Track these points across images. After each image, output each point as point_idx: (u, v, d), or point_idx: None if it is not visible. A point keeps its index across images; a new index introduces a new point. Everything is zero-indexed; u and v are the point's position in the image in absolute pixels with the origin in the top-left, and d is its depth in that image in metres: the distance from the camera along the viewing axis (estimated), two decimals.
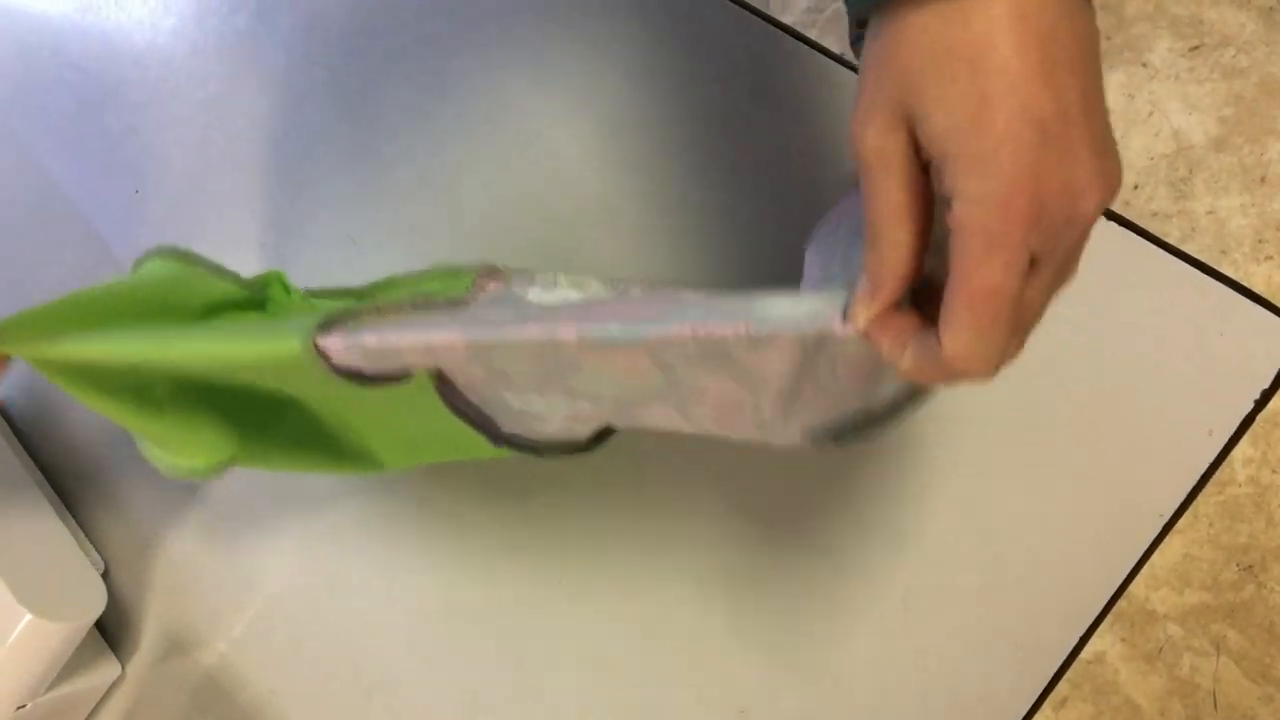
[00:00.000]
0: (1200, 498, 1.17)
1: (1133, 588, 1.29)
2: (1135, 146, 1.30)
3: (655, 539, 0.70)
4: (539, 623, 0.72)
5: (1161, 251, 0.64)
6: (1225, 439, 0.62)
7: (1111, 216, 0.64)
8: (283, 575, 0.79)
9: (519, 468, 0.73)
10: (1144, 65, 1.31)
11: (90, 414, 0.85)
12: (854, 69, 0.69)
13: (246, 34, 0.84)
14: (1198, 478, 0.61)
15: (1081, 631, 0.62)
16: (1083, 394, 0.64)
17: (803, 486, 0.67)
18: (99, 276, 0.83)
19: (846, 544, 0.67)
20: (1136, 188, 1.30)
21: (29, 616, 0.71)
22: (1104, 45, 1.32)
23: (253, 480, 0.81)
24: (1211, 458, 0.62)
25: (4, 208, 0.89)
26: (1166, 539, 0.62)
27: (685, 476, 0.69)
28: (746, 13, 0.73)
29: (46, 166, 0.87)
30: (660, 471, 0.70)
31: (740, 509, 0.69)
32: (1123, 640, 1.29)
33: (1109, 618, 1.30)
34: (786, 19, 1.46)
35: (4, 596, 0.71)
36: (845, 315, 0.40)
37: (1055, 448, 0.64)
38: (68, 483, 0.86)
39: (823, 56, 0.71)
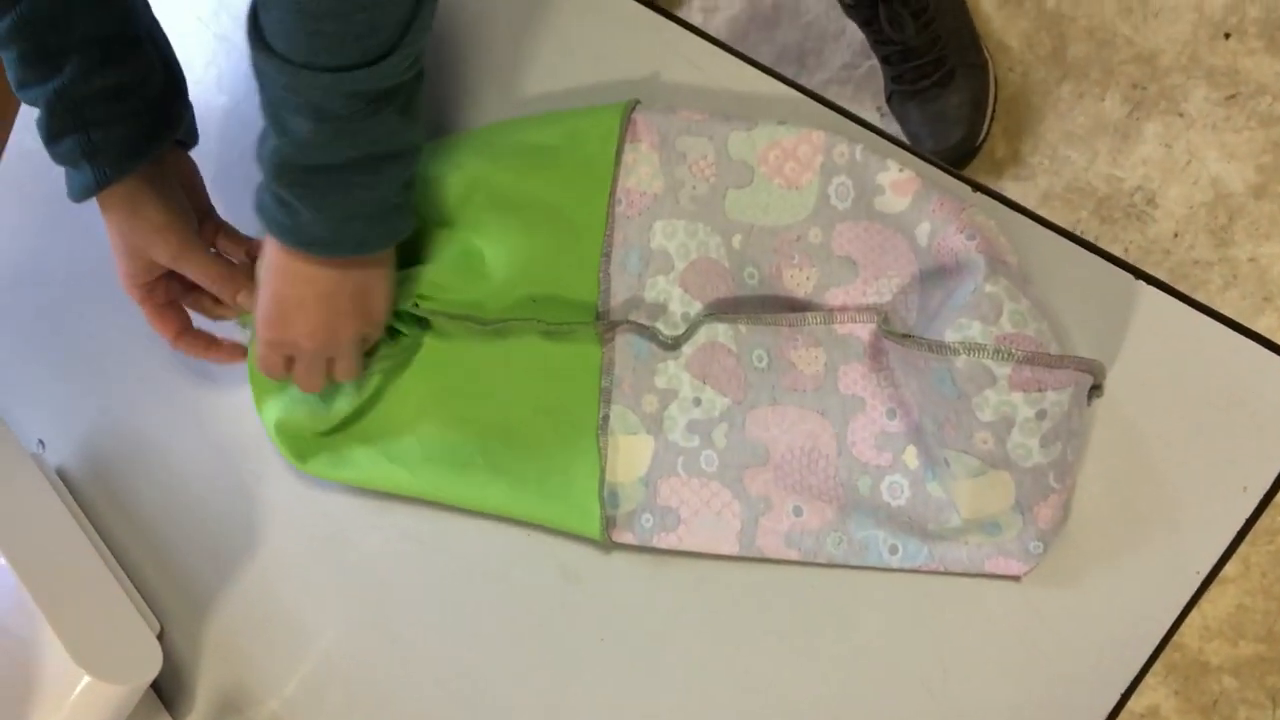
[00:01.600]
0: (1250, 548, 1.16)
1: (1186, 639, 1.27)
2: (1174, 195, 1.31)
3: (703, 651, 0.72)
4: (587, 686, 0.73)
5: (1193, 310, 0.64)
6: (1260, 494, 0.62)
7: (1142, 276, 0.65)
8: (334, 634, 0.81)
9: (571, 544, 0.75)
10: (1180, 115, 1.31)
11: (146, 480, 0.88)
12: (868, 124, 0.71)
13: None
14: (1233, 535, 0.61)
15: (1122, 690, 0.62)
16: (1117, 452, 0.64)
17: (842, 601, 0.68)
18: None
19: (878, 606, 0.67)
20: (1177, 236, 1.30)
21: (88, 678, 0.73)
22: (1139, 95, 1.33)
23: (303, 541, 0.83)
24: (1247, 514, 0.62)
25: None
26: (1219, 590, 0.63)
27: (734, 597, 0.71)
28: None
29: None
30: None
31: (779, 626, 0.70)
32: (1176, 694, 1.28)
33: (1161, 670, 1.28)
34: (820, 76, 1.49)
35: (63, 658, 0.74)
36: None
37: (1091, 507, 0.64)
38: (124, 546, 0.89)
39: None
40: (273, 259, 0.68)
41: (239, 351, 0.80)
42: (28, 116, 0.99)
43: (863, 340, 0.67)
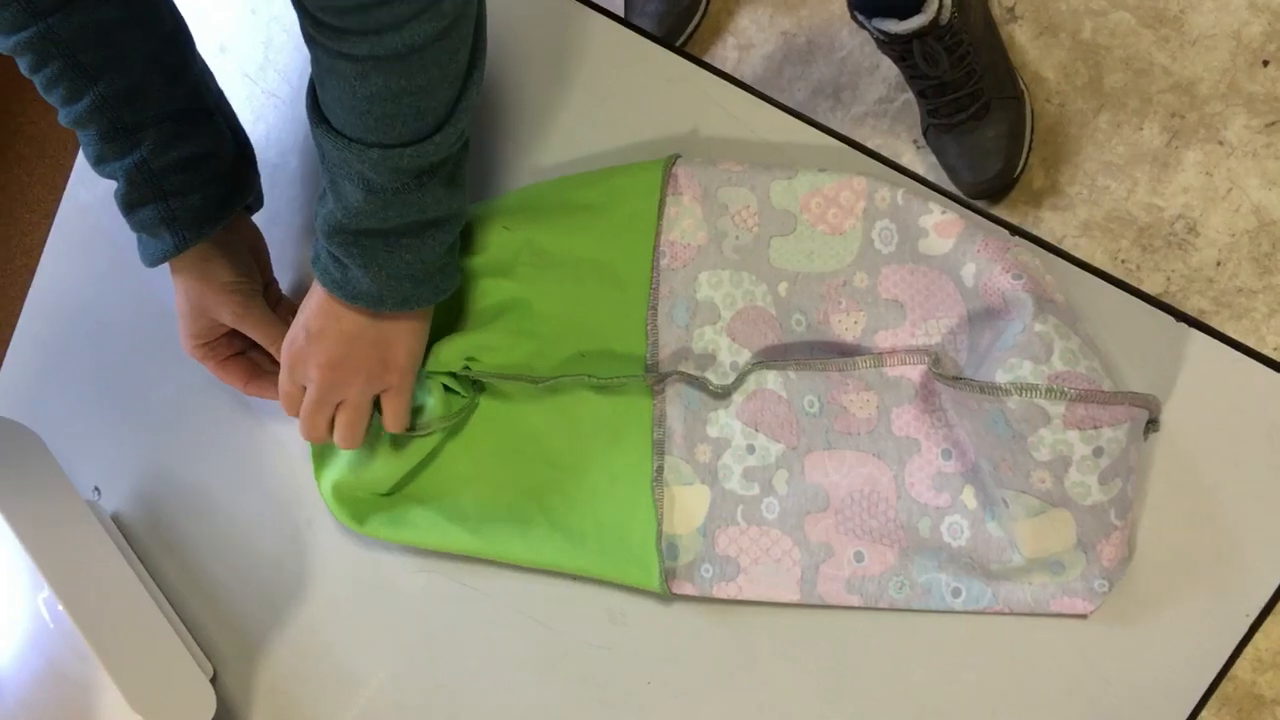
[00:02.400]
0: None
1: (1239, 672, 1.25)
2: (1215, 224, 1.30)
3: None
4: None
5: (1233, 351, 0.64)
6: None
7: (1182, 317, 0.65)
8: (382, 678, 0.82)
9: (617, 588, 0.75)
10: (1220, 143, 1.31)
11: (199, 526, 0.90)
12: (897, 167, 0.71)
13: None
14: None
15: None
16: (1171, 489, 0.64)
17: (897, 641, 0.69)
18: None
19: (931, 648, 0.67)
20: (1219, 264, 1.29)
21: None
22: (1178, 124, 1.33)
23: (352, 587, 0.84)
24: None
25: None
26: (1273, 621, 0.62)
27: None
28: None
29: None
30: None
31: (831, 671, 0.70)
32: None
33: (1215, 704, 1.26)
34: (856, 110, 1.49)
35: (119, 703, 0.75)
36: None
37: (1144, 545, 0.64)
38: (177, 591, 0.90)
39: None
40: (313, 293, 0.72)
41: None
42: (82, 172, 1.01)
43: (914, 382, 0.68)
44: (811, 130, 0.76)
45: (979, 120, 1.34)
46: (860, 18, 1.29)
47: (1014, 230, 0.69)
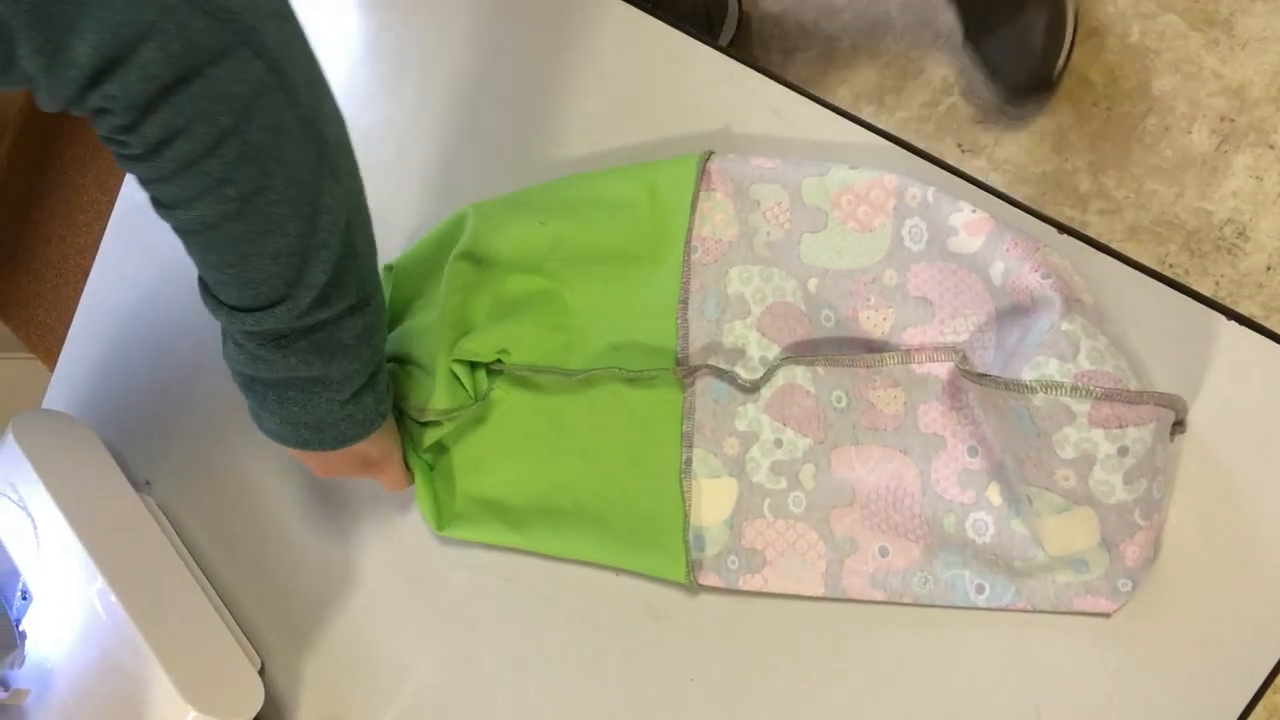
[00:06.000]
0: None
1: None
2: (1265, 228, 1.28)
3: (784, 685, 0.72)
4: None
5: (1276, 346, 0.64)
6: None
7: (1232, 315, 0.64)
8: (426, 671, 0.83)
9: (657, 583, 0.76)
10: (1271, 147, 1.29)
11: (247, 520, 0.91)
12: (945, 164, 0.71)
13: None
14: None
15: None
16: (1203, 489, 0.63)
17: (932, 641, 0.69)
18: None
19: (966, 645, 0.67)
20: (1269, 270, 1.28)
21: (194, 713, 0.76)
22: (1228, 128, 1.31)
23: (397, 580, 0.85)
24: None
25: None
26: None
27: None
28: None
29: None
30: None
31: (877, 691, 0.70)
32: None
33: (1263, 713, 1.24)
34: (901, 114, 1.49)
35: (170, 693, 0.77)
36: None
37: (1179, 545, 0.63)
38: (226, 583, 0.92)
39: None
40: None
41: None
42: None
43: (941, 379, 0.68)
44: (856, 129, 0.76)
45: (1017, 11, 1.31)
46: None
47: (1061, 228, 0.68)
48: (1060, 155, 1.39)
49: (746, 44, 1.60)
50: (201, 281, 0.63)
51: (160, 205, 0.58)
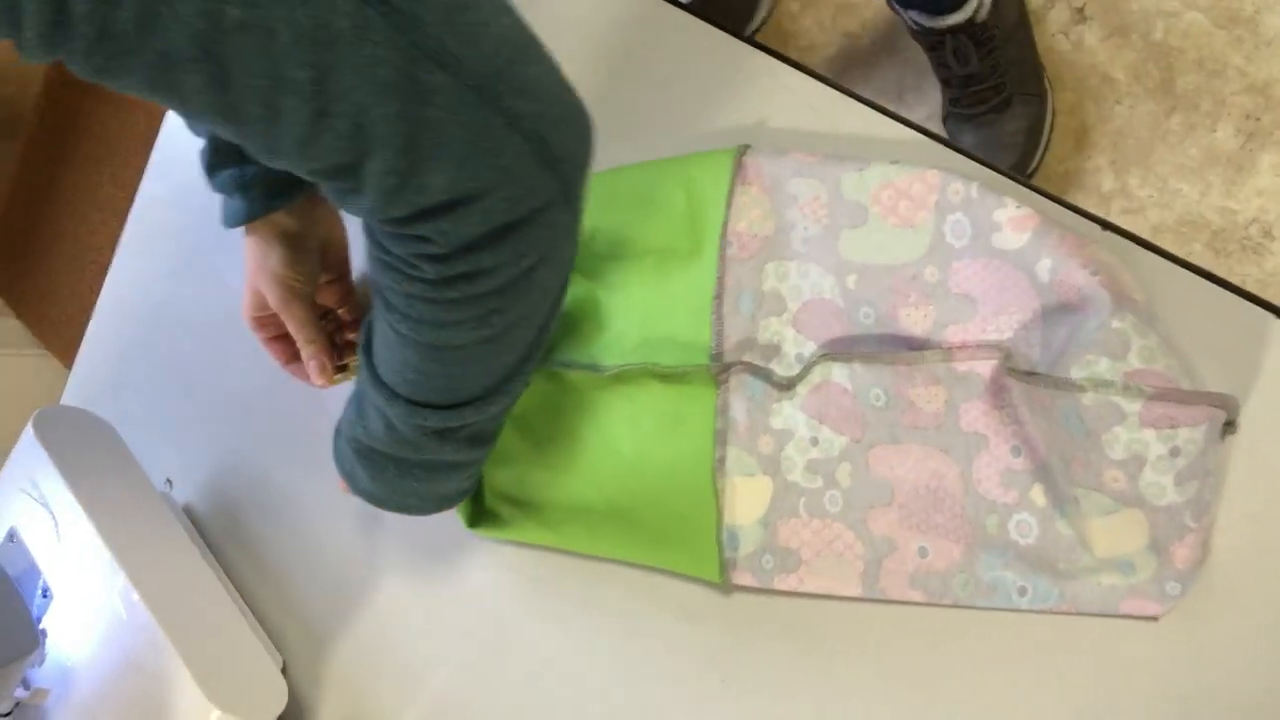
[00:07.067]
0: None
1: None
2: None
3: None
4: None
5: None
6: None
7: (1271, 309, 0.63)
8: (449, 671, 0.82)
9: (689, 583, 0.75)
10: None
11: (269, 519, 0.91)
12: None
13: None
14: None
15: None
16: (1254, 490, 0.62)
17: (972, 643, 0.68)
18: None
19: (1008, 647, 0.66)
20: None
21: (217, 713, 0.75)
22: (1253, 126, 1.30)
23: (420, 579, 0.84)
24: None
25: None
26: None
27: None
28: None
29: None
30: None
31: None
32: None
33: None
34: (920, 112, 1.48)
35: (193, 693, 0.76)
36: None
37: (1229, 547, 0.62)
38: (248, 582, 0.91)
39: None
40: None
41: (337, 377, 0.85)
42: (158, 166, 1.03)
43: (983, 377, 0.67)
44: (890, 123, 0.75)
45: (999, 114, 1.33)
46: (896, 5, 1.29)
47: (1106, 225, 0.67)
48: (1082, 153, 1.38)
49: (765, 40, 1.59)
50: (367, 355, 0.64)
51: (394, 311, 0.57)
